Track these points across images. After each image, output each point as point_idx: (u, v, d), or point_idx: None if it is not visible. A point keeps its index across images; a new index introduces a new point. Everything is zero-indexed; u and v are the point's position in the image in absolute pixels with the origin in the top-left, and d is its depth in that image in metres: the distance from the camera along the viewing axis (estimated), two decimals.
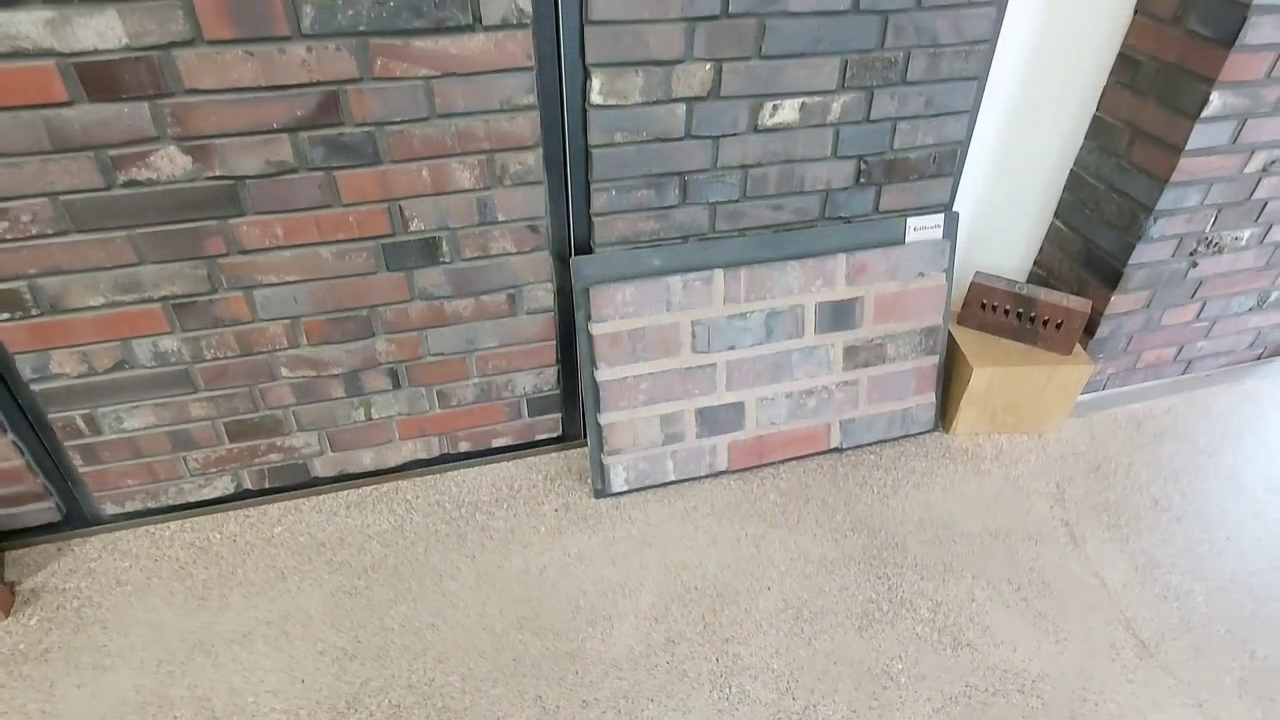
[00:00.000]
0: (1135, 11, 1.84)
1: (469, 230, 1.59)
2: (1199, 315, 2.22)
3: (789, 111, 1.63)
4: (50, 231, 1.38)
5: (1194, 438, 2.24)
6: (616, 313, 1.72)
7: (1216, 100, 1.73)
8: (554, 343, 1.83)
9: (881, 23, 1.57)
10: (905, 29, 1.59)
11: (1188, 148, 1.79)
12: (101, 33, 1.21)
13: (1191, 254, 2.04)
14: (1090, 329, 2.14)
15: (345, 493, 1.93)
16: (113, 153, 1.32)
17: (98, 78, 1.25)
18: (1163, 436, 2.24)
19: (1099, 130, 2.00)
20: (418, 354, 1.74)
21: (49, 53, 1.21)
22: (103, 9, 1.20)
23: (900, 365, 2.01)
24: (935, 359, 2.04)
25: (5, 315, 1.45)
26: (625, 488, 1.92)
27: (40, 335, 1.49)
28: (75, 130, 1.29)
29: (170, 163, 1.36)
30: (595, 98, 1.49)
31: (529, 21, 1.37)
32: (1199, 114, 1.75)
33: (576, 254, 1.71)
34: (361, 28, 1.30)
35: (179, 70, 1.27)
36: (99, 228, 1.40)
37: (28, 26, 1.18)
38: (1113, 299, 2.06)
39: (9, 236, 1.36)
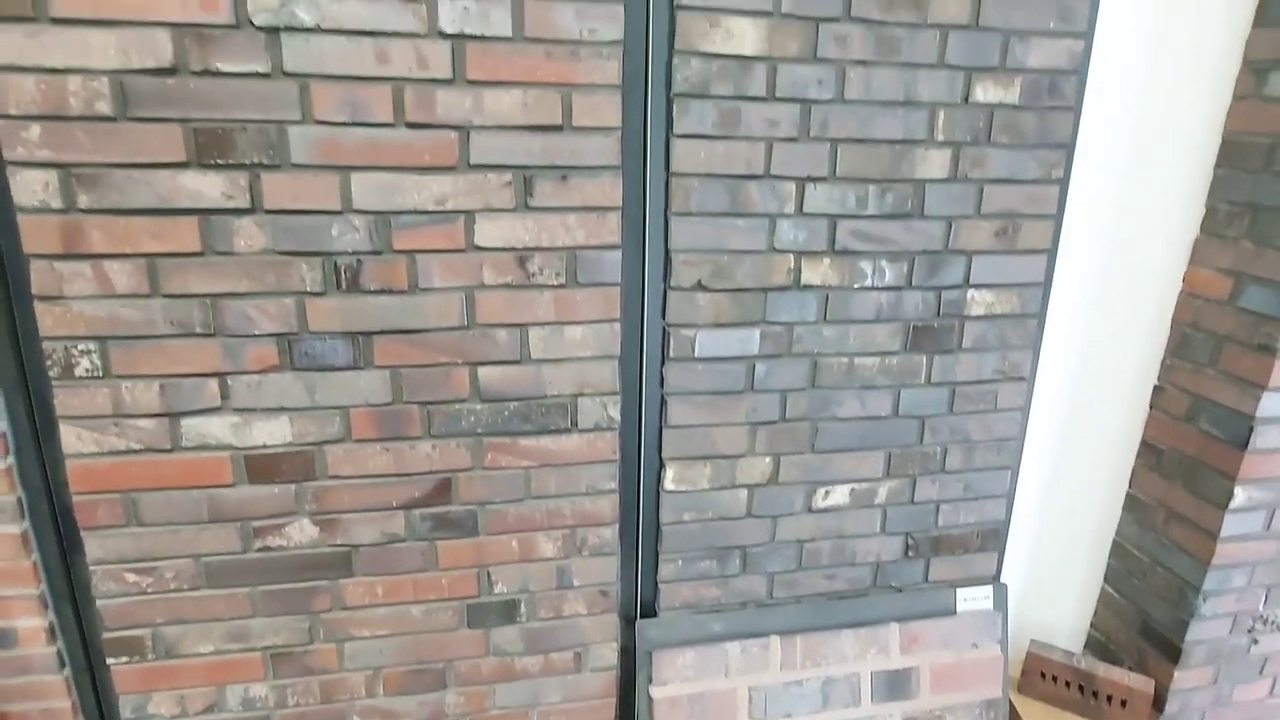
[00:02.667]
0: (1150, 407, 2.05)
1: (546, 593, 1.73)
2: (1271, 692, 2.16)
3: (840, 495, 1.82)
4: (186, 587, 1.57)
5: None
6: (677, 675, 1.78)
7: (1241, 495, 1.86)
8: (614, 700, 1.88)
9: (919, 425, 1.80)
10: (940, 429, 1.82)
11: (1223, 535, 1.89)
12: (273, 433, 1.49)
13: (1250, 631, 2.05)
14: (1158, 703, 2.09)
15: None
16: (255, 524, 1.55)
17: (260, 466, 1.51)
18: None
19: (1134, 505, 2.13)
20: (484, 706, 1.80)
21: (228, 447, 1.49)
22: (278, 415, 1.49)
23: None
24: None
25: (125, 659, 1.59)
26: None
27: (150, 679, 1.62)
28: (230, 505, 1.53)
29: (301, 532, 1.57)
30: (669, 484, 1.71)
31: (617, 425, 1.63)
32: (1227, 505, 1.87)
33: (642, 617, 1.82)
34: (479, 430, 1.57)
35: (326, 461, 1.53)
36: (228, 585, 1.58)
37: (218, 428, 1.47)
38: (1176, 674, 2.04)
39: (151, 590, 1.55)
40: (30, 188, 1.28)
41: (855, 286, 1.65)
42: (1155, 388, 2.04)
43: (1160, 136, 1.83)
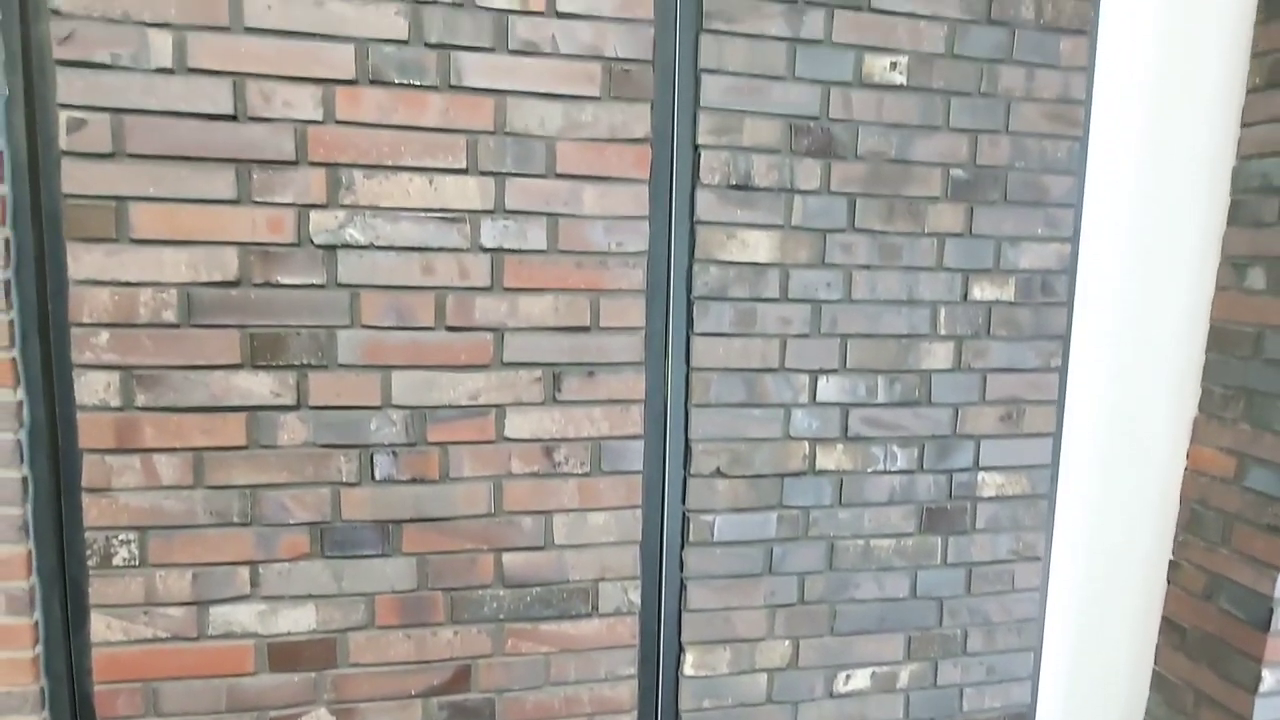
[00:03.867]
0: (1168, 581, 2.05)
1: None
2: None
3: (861, 679, 1.79)
4: None
5: None
6: None
7: (1270, 679, 1.83)
8: None
9: (938, 606, 1.80)
10: (960, 610, 1.81)
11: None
12: (297, 620, 1.51)
13: None
14: None
15: None
16: (273, 713, 1.53)
17: (283, 654, 1.52)
18: None
19: (1162, 685, 2.08)
20: None
21: (252, 635, 1.50)
22: (304, 603, 1.51)
23: None
24: None
25: None
26: None
27: None
28: (250, 694, 1.52)
29: None
30: (688, 670, 1.70)
31: (637, 610, 1.64)
32: (1256, 689, 1.84)
33: None
34: (501, 616, 1.58)
35: (348, 648, 1.54)
36: None
37: (244, 616, 1.49)
38: None
39: None
40: (93, 388, 1.37)
41: (869, 470, 1.70)
42: (1171, 563, 2.05)
43: (1150, 324, 1.93)
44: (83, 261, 1.34)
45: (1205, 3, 1.82)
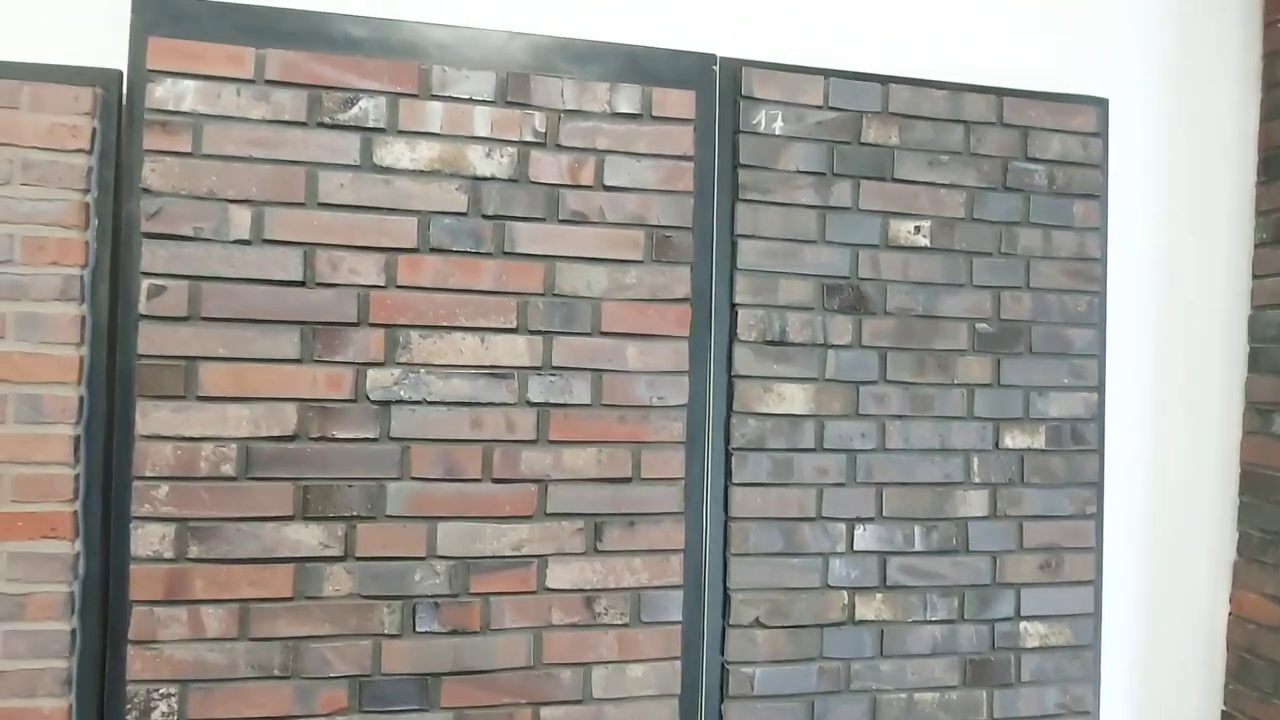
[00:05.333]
0: None
1: None
2: None
3: None
4: None
5: None
6: None
7: None
8: None
9: None
10: None
11: None
12: None
13: None
14: None
15: None
16: None
17: None
18: None
19: None
20: None
21: None
22: None
23: None
24: None
25: None
26: None
27: None
28: None
29: None
30: None
31: None
32: None
33: None
34: None
35: None
36: None
37: None
38: None
39: None
40: (149, 540, 1.41)
41: (909, 620, 1.68)
42: (1223, 713, 1.98)
43: (1182, 469, 1.94)
44: (150, 417, 1.41)
45: (1209, 167, 1.93)
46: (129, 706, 1.41)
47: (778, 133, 1.62)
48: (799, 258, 1.64)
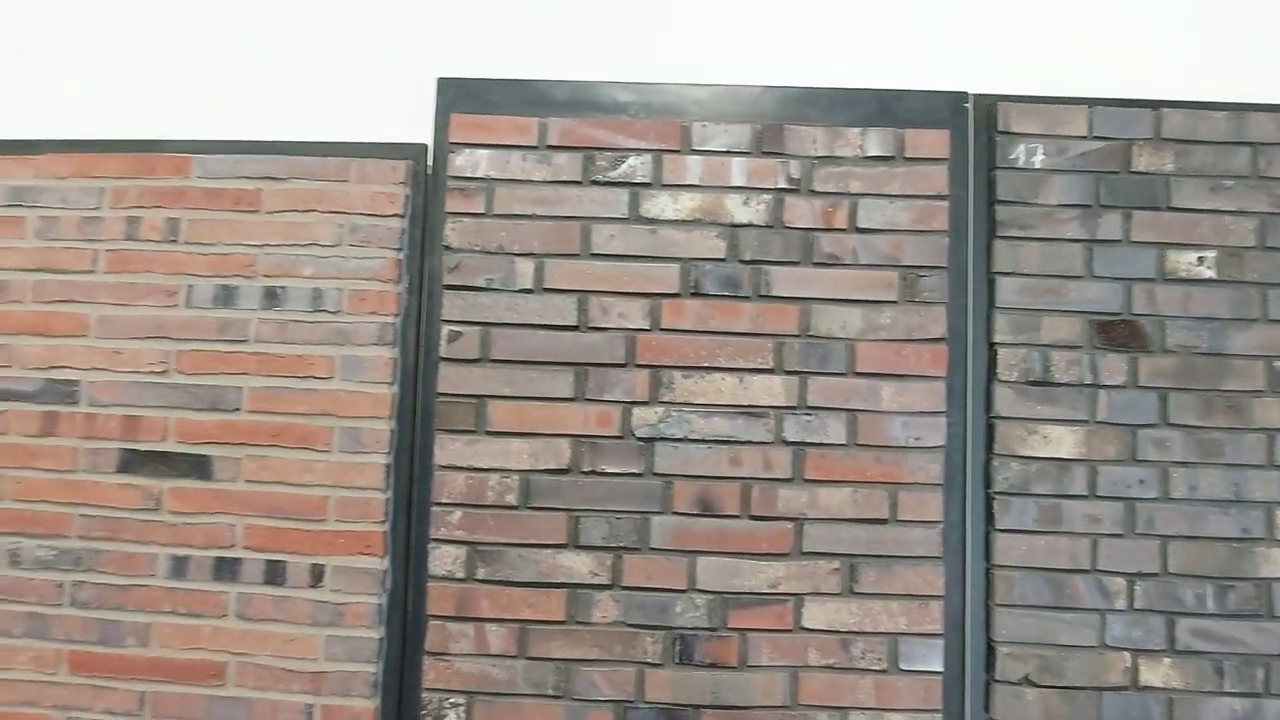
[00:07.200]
0: None
1: None
2: None
3: None
4: None
5: None
6: None
7: None
8: None
9: None
10: None
11: None
12: None
13: None
14: None
15: None
16: None
17: None
18: None
19: None
20: None
21: None
22: None
23: None
24: None
25: None
26: None
27: None
28: None
29: None
30: None
31: None
32: None
33: None
34: None
35: None
36: None
37: None
38: None
39: None
40: (443, 561, 1.56)
41: (1204, 690, 1.52)
42: None
43: None
44: (447, 450, 1.57)
45: None
46: (424, 712, 1.55)
47: (1038, 166, 1.58)
48: (1063, 294, 1.57)
